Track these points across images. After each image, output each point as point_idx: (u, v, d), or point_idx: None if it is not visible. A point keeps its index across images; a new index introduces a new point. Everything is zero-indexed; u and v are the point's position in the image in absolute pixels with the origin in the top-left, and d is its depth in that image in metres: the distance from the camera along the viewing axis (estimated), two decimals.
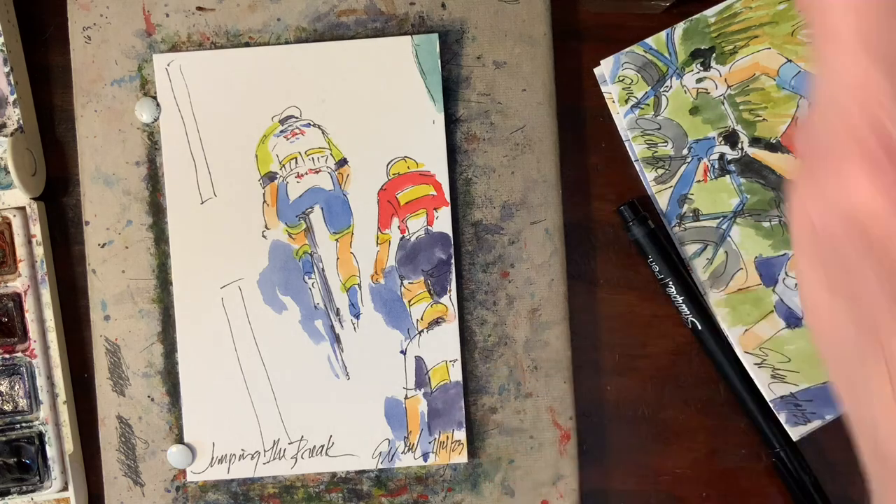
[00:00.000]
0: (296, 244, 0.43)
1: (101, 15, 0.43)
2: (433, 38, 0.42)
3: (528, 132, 0.43)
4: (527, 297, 0.43)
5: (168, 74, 0.43)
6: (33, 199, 0.44)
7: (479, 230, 0.43)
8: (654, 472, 0.46)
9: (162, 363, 0.43)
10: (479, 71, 0.43)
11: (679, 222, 0.45)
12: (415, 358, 0.43)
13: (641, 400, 0.46)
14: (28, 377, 0.43)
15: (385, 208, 0.43)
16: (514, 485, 0.43)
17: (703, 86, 0.45)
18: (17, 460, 0.43)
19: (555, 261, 0.43)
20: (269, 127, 0.43)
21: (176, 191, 0.43)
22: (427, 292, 0.43)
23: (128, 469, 0.43)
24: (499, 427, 0.43)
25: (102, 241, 0.43)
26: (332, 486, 0.43)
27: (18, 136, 0.43)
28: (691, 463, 0.45)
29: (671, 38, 0.45)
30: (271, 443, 0.43)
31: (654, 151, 0.45)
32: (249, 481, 0.43)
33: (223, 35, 0.43)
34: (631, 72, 0.45)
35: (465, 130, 0.43)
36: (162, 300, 0.43)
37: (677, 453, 0.45)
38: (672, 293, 0.44)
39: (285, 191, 0.43)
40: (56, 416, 0.44)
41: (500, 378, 0.43)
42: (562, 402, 0.43)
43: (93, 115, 0.43)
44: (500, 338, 0.43)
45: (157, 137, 0.43)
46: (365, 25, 0.43)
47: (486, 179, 0.43)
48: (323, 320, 0.43)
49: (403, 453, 0.43)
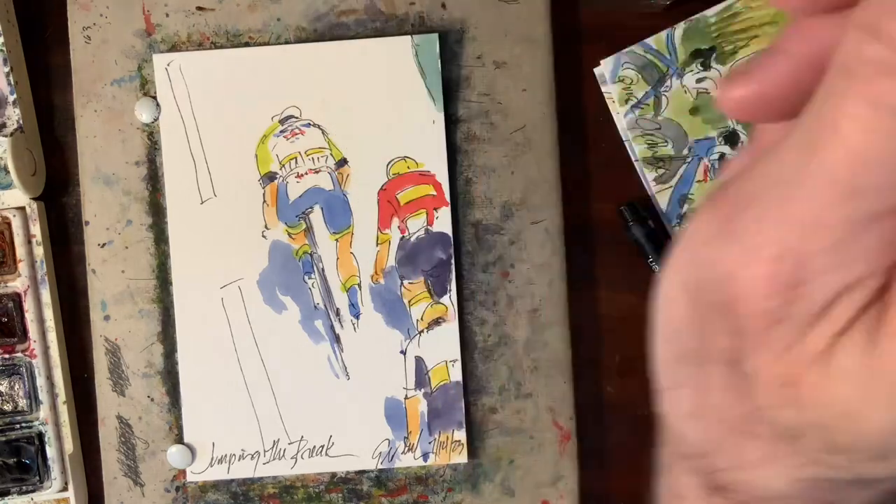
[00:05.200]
0: (296, 244, 0.43)
1: (101, 15, 0.43)
2: (433, 38, 0.42)
3: (528, 132, 0.43)
4: (527, 297, 0.43)
5: (168, 74, 0.43)
6: (33, 199, 0.44)
7: (479, 230, 0.43)
8: (654, 472, 0.45)
9: (162, 363, 0.43)
10: (479, 71, 0.43)
11: (679, 222, 0.45)
12: (415, 358, 0.43)
13: (641, 400, 0.46)
14: (28, 377, 0.43)
15: (385, 208, 0.43)
16: (514, 485, 0.43)
17: (703, 86, 0.45)
18: (17, 460, 0.43)
19: (555, 261, 0.43)
20: (269, 127, 0.43)
21: (176, 191, 0.43)
22: (427, 292, 0.43)
23: (128, 469, 0.43)
24: (499, 427, 0.43)
25: (102, 241, 0.43)
26: (332, 487, 0.43)
27: (18, 136, 0.43)
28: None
29: (671, 38, 0.45)
30: (271, 443, 0.43)
31: (654, 151, 0.45)
32: (249, 481, 0.43)
33: (223, 35, 0.43)
34: (631, 72, 0.45)
35: (465, 130, 0.43)
36: (162, 300, 0.43)
37: None
38: None
39: (285, 191, 0.43)
40: (56, 416, 0.44)
41: (500, 378, 0.43)
42: (562, 402, 0.43)
43: (93, 115, 0.43)
44: (500, 338, 0.43)
45: (157, 137, 0.43)
46: (365, 25, 0.43)
47: (486, 179, 0.43)
48: (323, 320, 0.43)
49: (403, 453, 0.43)
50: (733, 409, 0.17)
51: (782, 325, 0.15)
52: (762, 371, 0.16)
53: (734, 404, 0.17)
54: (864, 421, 0.15)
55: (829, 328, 0.15)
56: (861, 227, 0.14)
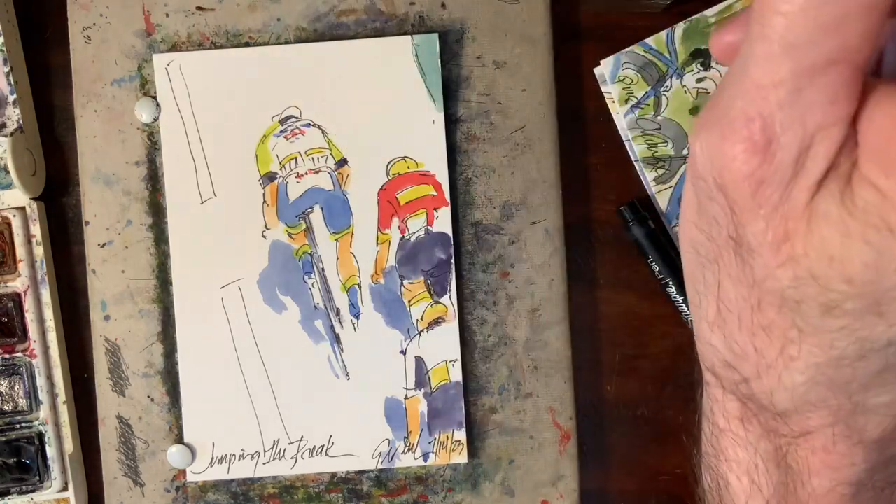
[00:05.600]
0: (296, 244, 0.43)
1: (101, 15, 0.43)
2: (433, 38, 0.42)
3: (528, 132, 0.43)
4: (527, 297, 0.43)
5: (168, 74, 0.43)
6: (33, 199, 0.44)
7: (479, 230, 0.43)
8: (654, 472, 0.46)
9: (162, 363, 0.43)
10: (479, 71, 0.43)
11: (679, 222, 0.45)
12: (415, 358, 0.43)
13: (641, 400, 0.46)
14: (28, 377, 0.43)
15: (385, 208, 0.43)
16: (514, 485, 0.43)
17: (703, 86, 0.45)
18: (17, 460, 0.43)
19: (555, 261, 0.43)
20: (269, 127, 0.43)
21: (176, 191, 0.43)
22: (427, 292, 0.43)
23: (128, 469, 0.43)
24: (499, 427, 0.43)
25: (102, 241, 0.43)
26: (332, 487, 0.43)
27: (18, 136, 0.43)
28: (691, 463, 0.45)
29: (671, 38, 0.45)
30: (271, 443, 0.43)
31: (654, 151, 0.45)
32: (249, 481, 0.43)
33: (223, 35, 0.43)
34: (631, 72, 0.45)
35: (465, 130, 0.43)
36: (162, 300, 0.43)
37: (677, 453, 0.45)
38: (672, 293, 0.44)
39: (285, 191, 0.43)
40: (56, 416, 0.44)
41: (500, 378, 0.43)
42: (562, 402, 0.43)
43: (93, 115, 0.43)
44: (500, 338, 0.43)
45: (156, 137, 0.43)
46: (365, 25, 0.43)
47: (486, 179, 0.43)
48: (323, 320, 0.43)
49: (403, 453, 0.43)
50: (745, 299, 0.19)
51: (766, 186, 0.17)
52: (758, 237, 0.18)
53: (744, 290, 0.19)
54: (847, 262, 0.16)
55: (806, 180, 0.17)
56: (807, 79, 0.16)
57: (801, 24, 0.16)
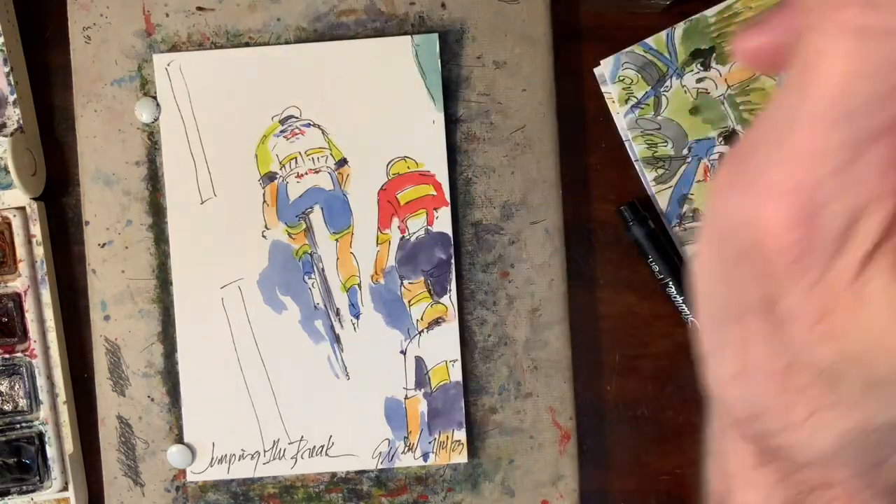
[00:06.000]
0: (296, 244, 0.43)
1: (101, 15, 0.43)
2: (433, 38, 0.42)
3: (528, 132, 0.43)
4: (527, 297, 0.43)
5: (168, 74, 0.43)
6: (33, 199, 0.44)
7: (479, 230, 0.43)
8: (654, 472, 0.46)
9: (162, 363, 0.43)
10: (479, 71, 0.43)
11: (679, 222, 0.45)
12: (415, 358, 0.43)
13: (641, 400, 0.46)
14: (28, 377, 0.43)
15: (385, 208, 0.43)
16: (514, 485, 0.43)
17: (703, 86, 0.45)
18: (17, 460, 0.43)
19: (555, 261, 0.43)
20: (269, 127, 0.43)
21: (176, 191, 0.43)
22: (427, 292, 0.43)
23: (128, 469, 0.43)
24: (499, 427, 0.43)
25: (102, 241, 0.43)
26: (332, 487, 0.43)
27: (18, 136, 0.43)
28: (691, 463, 0.45)
29: (671, 38, 0.45)
30: (271, 443, 0.43)
31: (654, 151, 0.45)
32: (249, 481, 0.43)
33: (223, 35, 0.43)
34: (631, 72, 0.45)
35: (465, 130, 0.43)
36: (162, 300, 0.43)
37: (677, 453, 0.45)
38: (672, 293, 0.44)
39: (285, 191, 0.43)
40: (56, 416, 0.44)
41: (500, 378, 0.43)
42: (562, 402, 0.43)
43: (93, 115, 0.43)
44: (500, 338, 0.43)
45: (157, 137, 0.43)
46: (365, 25, 0.43)
47: (486, 179, 0.43)
48: (323, 320, 0.43)
49: (403, 453, 0.43)
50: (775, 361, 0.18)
51: (808, 258, 0.16)
52: (796, 309, 0.16)
53: (775, 354, 0.17)
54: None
55: (854, 254, 0.16)
56: (861, 148, 0.15)
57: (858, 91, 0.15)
